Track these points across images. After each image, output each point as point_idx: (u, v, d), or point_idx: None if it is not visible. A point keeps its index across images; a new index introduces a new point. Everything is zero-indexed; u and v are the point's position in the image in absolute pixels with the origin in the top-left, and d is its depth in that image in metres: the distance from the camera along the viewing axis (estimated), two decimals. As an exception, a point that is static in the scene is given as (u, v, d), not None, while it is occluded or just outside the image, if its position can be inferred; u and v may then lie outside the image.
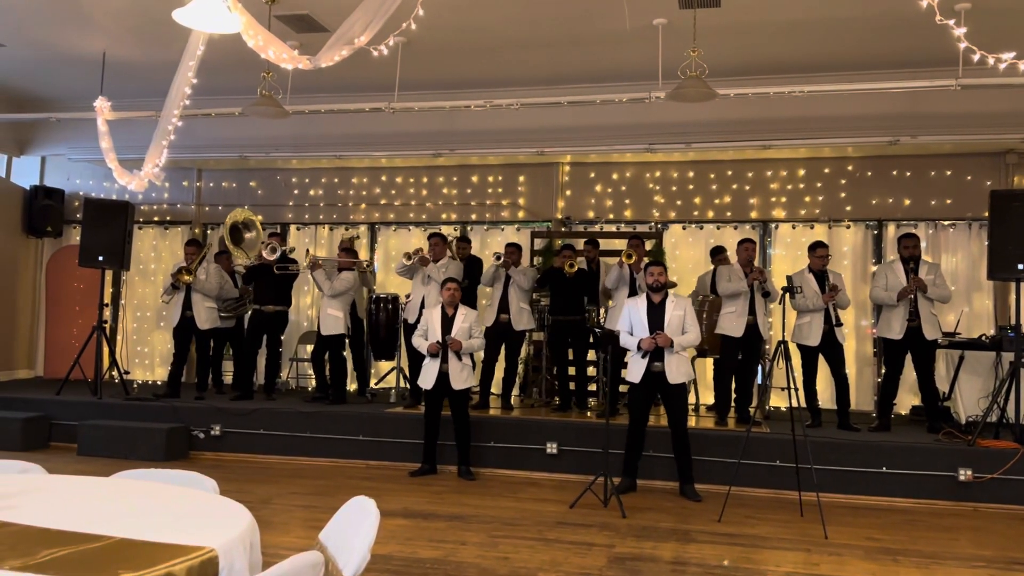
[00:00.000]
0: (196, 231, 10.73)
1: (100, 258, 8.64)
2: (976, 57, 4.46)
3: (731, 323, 7.43)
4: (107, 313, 9.63)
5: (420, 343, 6.87)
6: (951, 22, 4.30)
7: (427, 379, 6.80)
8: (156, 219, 10.96)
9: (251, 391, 8.52)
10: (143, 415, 7.91)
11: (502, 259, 8.11)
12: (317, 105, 8.44)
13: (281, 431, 7.62)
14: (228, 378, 9.48)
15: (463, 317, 6.80)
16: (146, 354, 10.87)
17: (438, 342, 6.71)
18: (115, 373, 9.59)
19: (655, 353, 6.17)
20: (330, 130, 9.47)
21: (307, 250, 9.15)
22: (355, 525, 2.42)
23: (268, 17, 6.77)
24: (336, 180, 10.46)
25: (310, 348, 9.14)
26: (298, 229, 10.61)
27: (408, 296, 8.25)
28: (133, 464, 3.21)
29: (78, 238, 9.57)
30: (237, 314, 9.14)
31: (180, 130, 7.80)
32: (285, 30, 7.35)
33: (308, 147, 9.67)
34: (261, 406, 7.90)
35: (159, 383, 9.88)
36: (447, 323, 6.79)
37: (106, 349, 9.02)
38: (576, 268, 7.95)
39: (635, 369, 6.26)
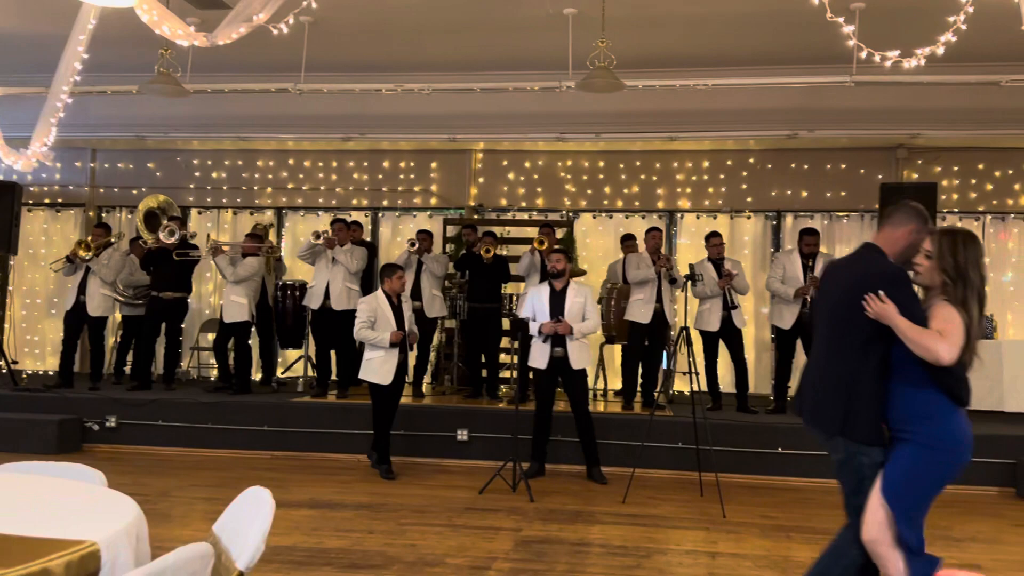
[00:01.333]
0: (91, 214, 10.26)
1: (-16, 241, 8.16)
2: (864, 54, 4.66)
3: (639, 310, 7.58)
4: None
5: (370, 335, 6.26)
6: (841, 19, 4.47)
7: (383, 373, 6.27)
8: (47, 201, 10.42)
9: (150, 381, 8.21)
10: (33, 407, 7.51)
11: (416, 245, 8.05)
12: (220, 84, 8.16)
13: (181, 422, 7.37)
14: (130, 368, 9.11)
15: (408, 305, 6.66)
16: (36, 343, 10.34)
17: (402, 332, 6.32)
18: (2, 363, 9.09)
19: (557, 339, 6.27)
20: (234, 111, 9.15)
21: (208, 235, 8.82)
22: (249, 516, 2.35)
23: (167, -9, 6.50)
24: (240, 163, 10.15)
25: (212, 336, 8.86)
26: (200, 213, 10.27)
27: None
28: (22, 458, 3.04)
29: (-40, 220, 9.00)
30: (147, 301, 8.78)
31: (73, 108, 7.42)
32: (186, 7, 7.07)
33: (211, 128, 9.34)
34: (159, 396, 7.63)
35: (51, 373, 9.42)
36: (396, 311, 6.40)
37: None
38: (493, 254, 7.96)
39: (539, 355, 6.35)
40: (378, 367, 6.29)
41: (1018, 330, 8.94)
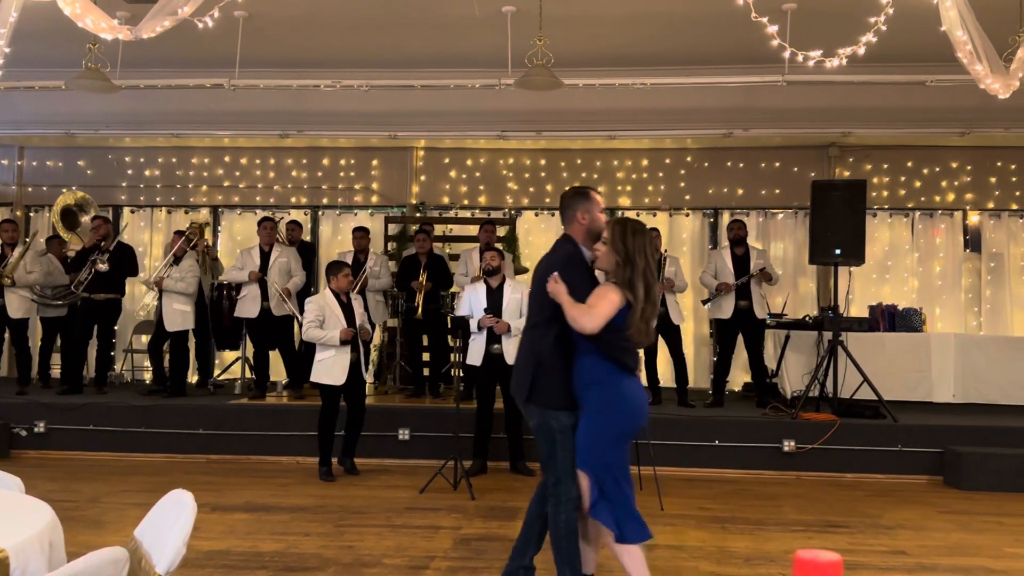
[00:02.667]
0: (18, 213, 9.91)
1: (-98, 241, 7.81)
2: (787, 54, 4.77)
3: None
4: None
5: (318, 334, 6.13)
6: (765, 19, 4.56)
7: (335, 374, 6.17)
8: (-29, 200, 10.04)
9: (81, 385, 7.96)
10: (-45, 413, 7.24)
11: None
12: (152, 80, 7.97)
13: (113, 426, 7.16)
14: (57, 371, 8.82)
15: (359, 303, 6.54)
16: (-39, 348, 9.95)
17: (353, 329, 6.21)
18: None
19: (493, 337, 6.31)
20: (167, 107, 8.93)
21: (148, 279, 8.40)
22: (171, 519, 2.31)
23: (94, -16, 6.30)
24: (174, 160, 9.92)
25: (146, 338, 8.62)
26: (132, 212, 10.01)
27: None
28: (-62, 466, 2.92)
29: None
30: (68, 302, 8.51)
31: (-1, 104, 7.16)
32: (116, 0, 6.87)
33: (143, 124, 9.09)
34: (91, 400, 7.41)
35: (-25, 379, 9.08)
36: (347, 310, 6.28)
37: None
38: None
39: (476, 352, 6.37)
40: (330, 367, 6.18)
41: (945, 323, 9.25)
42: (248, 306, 7.68)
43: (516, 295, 6.37)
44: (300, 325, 6.59)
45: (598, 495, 3.37)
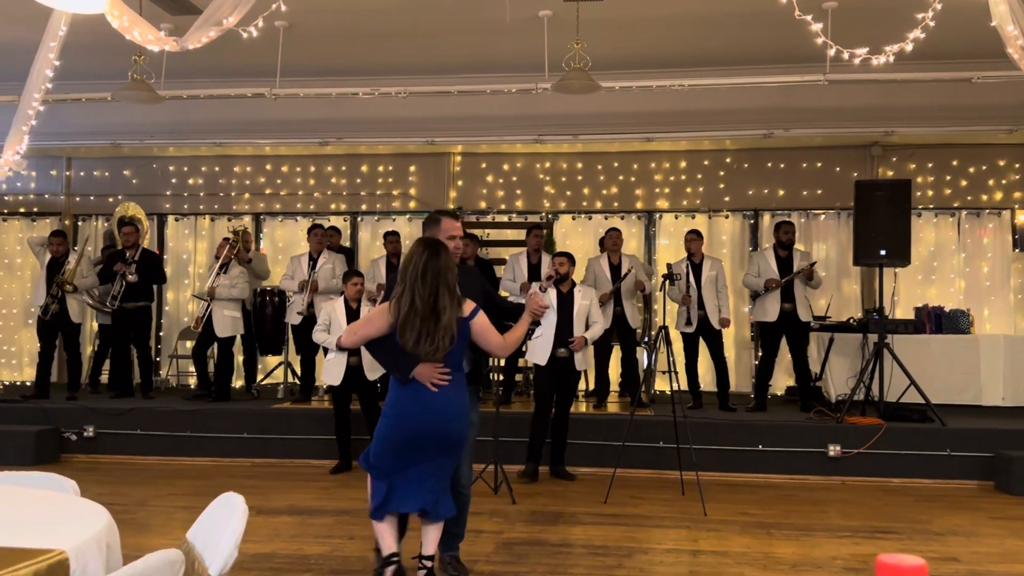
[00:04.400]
0: (67, 222, 10.15)
1: (-43, 251, 8.06)
2: (832, 52, 4.70)
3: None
4: (-33, 311, 9.01)
5: (321, 337, 6.59)
6: (809, 17, 4.51)
7: (333, 374, 6.59)
8: (22, 210, 10.32)
9: (131, 389, 8.14)
10: (9, 418, 7.43)
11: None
12: (195, 90, 8.11)
13: (160, 431, 7.31)
14: (106, 377, 9.03)
15: (368, 310, 6.64)
16: (13, 353, 10.23)
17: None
18: (-23, 375, 9.00)
19: (560, 340, 6.26)
20: (210, 116, 9.09)
21: (199, 291, 8.48)
22: (222, 522, 2.34)
23: (139, -3, 6.44)
24: (217, 168, 10.09)
25: (190, 344, 8.78)
26: (177, 220, 10.20)
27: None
28: (-2, 470, 3.00)
29: (-67, 231, 8.89)
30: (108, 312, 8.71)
31: (47, 116, 7.30)
32: (159, 12, 7.01)
33: (186, 134, 9.27)
34: (138, 405, 7.56)
35: (28, 384, 9.31)
36: (353, 317, 6.56)
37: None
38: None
39: (541, 352, 6.30)
40: (330, 368, 6.64)
41: (994, 325, 9.04)
42: (295, 313, 7.81)
43: (585, 301, 6.35)
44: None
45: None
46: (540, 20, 7.15)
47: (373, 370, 6.57)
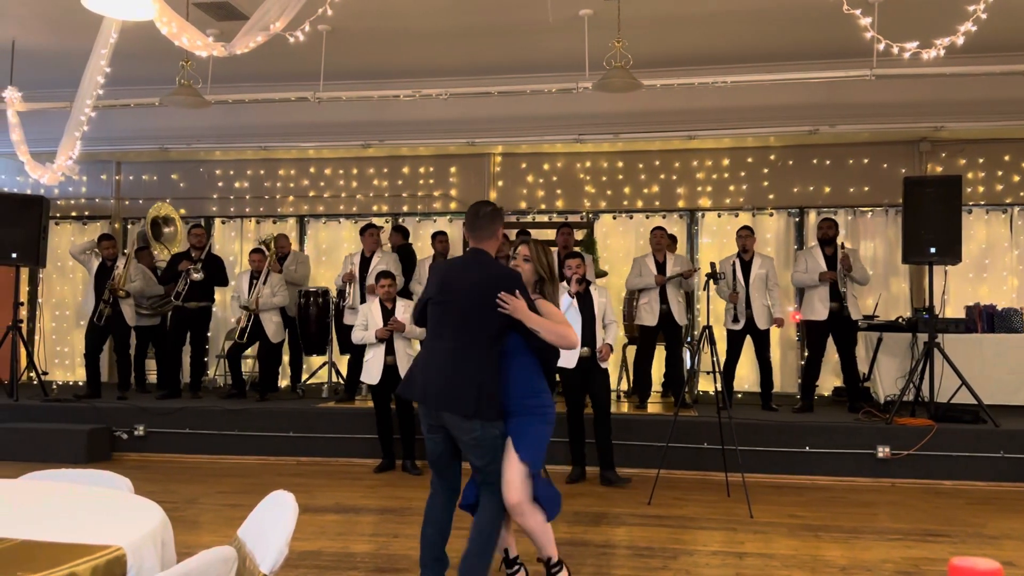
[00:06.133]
0: (116, 226, 10.39)
1: (14, 255, 8.29)
2: (882, 46, 4.61)
3: (646, 313, 7.65)
4: (23, 312, 9.27)
5: (358, 334, 6.81)
6: (858, 12, 4.43)
7: (372, 374, 6.73)
8: (73, 214, 10.58)
9: (178, 389, 8.30)
10: (63, 417, 7.63)
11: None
12: (241, 95, 8.24)
13: (208, 430, 7.44)
14: (152, 377, 9.22)
15: (403, 308, 6.74)
16: (66, 354, 10.50)
17: (386, 328, 6.62)
18: (33, 374, 9.23)
19: (583, 340, 6.16)
20: (255, 120, 9.25)
21: (245, 303, 8.36)
22: (273, 519, 2.37)
23: (187, 5, 6.57)
24: (262, 172, 10.25)
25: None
26: (223, 223, 10.38)
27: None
28: (52, 468, 3.07)
29: (-10, 235, 9.15)
30: (162, 312, 8.89)
31: (97, 122, 7.53)
32: (204, 18, 7.15)
33: (232, 138, 9.44)
34: (187, 405, 7.71)
35: (80, 384, 9.55)
36: (388, 316, 6.73)
37: (23, 350, 8.67)
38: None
39: (570, 355, 6.24)
40: (369, 367, 6.77)
41: (1049, 323, 8.77)
42: (349, 314, 7.91)
43: (603, 299, 6.30)
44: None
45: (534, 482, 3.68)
46: (580, 19, 7.14)
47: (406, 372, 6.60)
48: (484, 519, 3.68)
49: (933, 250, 6.94)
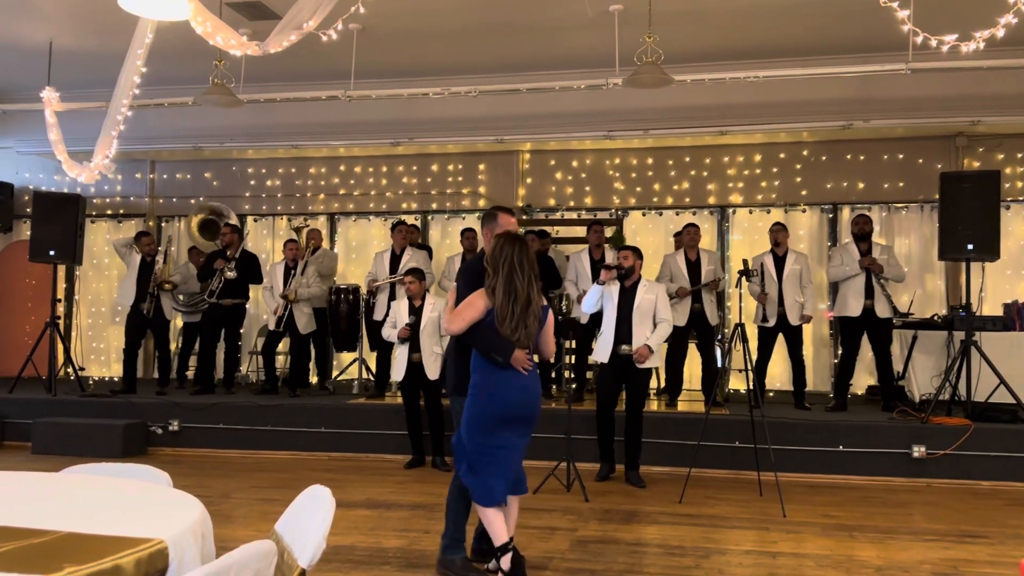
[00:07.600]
0: (150, 224, 10.54)
1: (51, 253, 8.46)
2: (919, 39, 4.54)
3: (676, 313, 7.56)
4: (60, 309, 9.44)
5: (386, 331, 6.90)
6: (895, 4, 4.36)
7: (398, 370, 6.81)
8: (109, 212, 10.75)
9: (212, 385, 8.41)
10: (99, 412, 7.76)
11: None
12: (273, 94, 8.33)
13: (241, 425, 7.53)
14: (191, 373, 9.35)
15: (432, 306, 6.73)
16: (102, 350, 10.67)
17: (408, 325, 6.65)
18: (70, 370, 9.41)
19: (622, 336, 6.08)
20: (287, 119, 9.34)
21: (283, 292, 8.39)
22: (310, 514, 2.39)
23: (220, 5, 6.65)
24: (294, 170, 10.33)
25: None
26: (255, 220, 10.49)
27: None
28: (89, 462, 3.12)
29: (28, 233, 9.33)
30: (198, 309, 9.01)
31: (132, 121, 7.63)
32: (237, 18, 7.23)
33: (264, 136, 9.54)
34: (220, 400, 7.81)
35: (116, 379, 9.70)
36: (416, 315, 6.73)
37: (60, 346, 8.84)
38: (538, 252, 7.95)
39: (603, 349, 6.16)
40: (396, 364, 6.88)
41: (1090, 321, 8.58)
42: (380, 310, 7.94)
43: (651, 296, 6.09)
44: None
45: (466, 467, 3.97)
46: (610, 15, 7.11)
47: (431, 370, 6.66)
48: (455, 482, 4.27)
49: (971, 246, 6.81)
